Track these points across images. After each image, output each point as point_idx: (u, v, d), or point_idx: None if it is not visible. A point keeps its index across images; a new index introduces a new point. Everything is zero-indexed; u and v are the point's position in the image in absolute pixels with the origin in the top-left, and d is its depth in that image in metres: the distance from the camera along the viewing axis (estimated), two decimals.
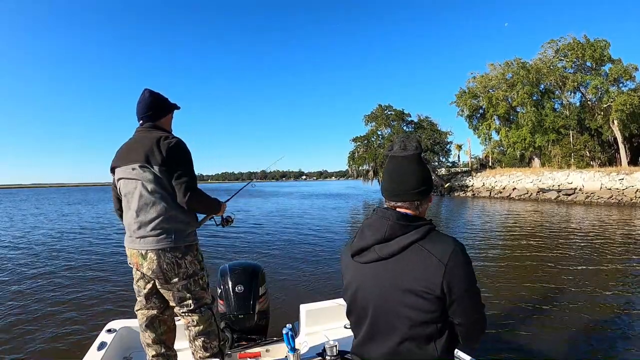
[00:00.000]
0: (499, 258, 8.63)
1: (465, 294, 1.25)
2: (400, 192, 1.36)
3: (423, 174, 1.38)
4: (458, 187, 39.08)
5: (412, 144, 1.38)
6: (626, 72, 34.26)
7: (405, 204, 1.37)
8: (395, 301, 1.28)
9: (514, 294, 5.85)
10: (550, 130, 37.60)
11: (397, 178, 1.37)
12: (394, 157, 1.39)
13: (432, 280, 1.22)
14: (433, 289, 1.22)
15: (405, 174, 1.36)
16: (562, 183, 28.42)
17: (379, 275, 1.32)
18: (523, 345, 4.06)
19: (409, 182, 1.35)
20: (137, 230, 2.14)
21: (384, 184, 1.43)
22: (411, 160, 1.36)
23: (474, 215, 19.64)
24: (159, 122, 2.31)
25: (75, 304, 5.78)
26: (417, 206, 1.37)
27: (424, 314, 1.24)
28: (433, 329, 1.26)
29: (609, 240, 10.64)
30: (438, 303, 1.24)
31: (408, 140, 1.40)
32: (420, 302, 1.24)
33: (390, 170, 1.40)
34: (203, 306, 2.26)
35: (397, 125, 43.92)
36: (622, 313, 4.98)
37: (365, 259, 1.35)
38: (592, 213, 18.34)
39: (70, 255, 9.96)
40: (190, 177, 2.16)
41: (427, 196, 1.40)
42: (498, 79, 40.38)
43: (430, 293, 1.23)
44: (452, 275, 1.22)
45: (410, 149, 1.37)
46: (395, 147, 1.40)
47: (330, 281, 6.67)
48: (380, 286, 1.31)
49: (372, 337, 1.38)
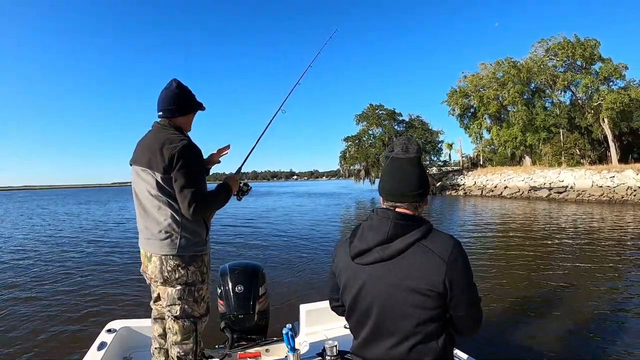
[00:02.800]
0: (493, 256, 8.67)
1: (465, 288, 1.28)
2: (402, 193, 1.37)
3: (423, 176, 1.40)
4: (450, 185, 39.25)
5: (413, 147, 1.40)
6: (616, 71, 34.71)
7: (405, 204, 1.38)
8: (401, 301, 1.29)
9: (509, 292, 5.86)
10: (541, 128, 37.98)
11: (399, 179, 1.38)
12: (396, 159, 1.41)
13: (435, 278, 1.24)
14: (436, 287, 1.24)
15: (407, 175, 1.38)
16: (553, 181, 28.62)
17: (382, 276, 1.32)
18: (520, 344, 4.07)
19: (410, 184, 1.37)
20: (144, 231, 2.11)
21: (385, 185, 1.43)
22: (413, 162, 1.39)
23: (467, 213, 19.77)
24: (177, 120, 2.20)
25: (76, 304, 5.77)
26: (416, 207, 1.39)
27: (428, 311, 1.26)
28: (436, 326, 1.28)
29: (603, 237, 10.69)
30: (440, 300, 1.26)
31: (409, 143, 1.42)
32: (424, 300, 1.26)
33: (392, 172, 1.41)
34: (188, 318, 2.15)
35: (388, 124, 44.04)
36: (617, 310, 5.00)
37: (367, 260, 1.36)
38: (584, 211, 18.50)
39: (70, 255, 9.97)
40: (194, 187, 2.02)
41: (425, 198, 1.42)
42: (489, 78, 40.72)
43: (434, 290, 1.25)
44: (453, 271, 1.25)
45: (412, 152, 1.39)
46: (396, 149, 1.42)
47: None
48: (385, 287, 1.32)
49: (376, 338, 1.38)
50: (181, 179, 2.00)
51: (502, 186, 32.93)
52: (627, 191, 23.29)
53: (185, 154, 2.02)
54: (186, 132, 2.26)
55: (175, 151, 2.00)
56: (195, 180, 2.05)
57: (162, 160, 2.00)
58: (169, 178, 2.01)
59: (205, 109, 2.33)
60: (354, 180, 46.44)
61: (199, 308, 2.19)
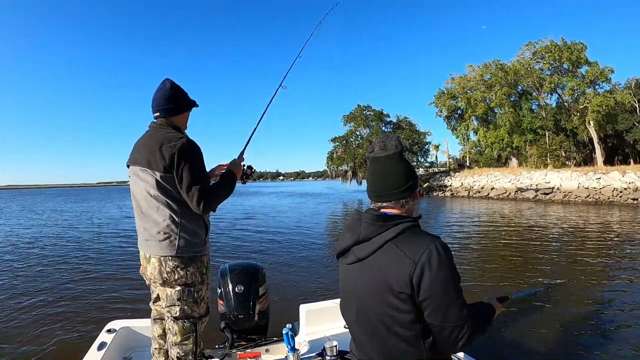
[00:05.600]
0: (480, 256, 8.65)
1: (438, 295, 1.18)
2: (384, 192, 1.35)
3: (406, 171, 1.36)
4: (437, 187, 39.34)
5: (391, 143, 1.37)
6: (602, 74, 35.26)
7: (391, 203, 1.35)
8: (375, 302, 1.28)
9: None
10: (528, 130, 38.34)
11: (381, 178, 1.36)
12: (376, 159, 1.38)
13: (403, 280, 1.20)
14: (405, 289, 1.20)
15: (388, 173, 1.34)
16: (540, 182, 28.87)
17: (358, 276, 1.33)
18: (518, 344, 4.09)
19: (392, 182, 1.34)
20: (143, 233, 2.10)
21: (368, 186, 1.42)
22: (392, 159, 1.35)
23: (453, 214, 19.80)
24: (173, 119, 2.19)
25: (76, 304, 5.77)
26: (403, 204, 1.36)
27: (402, 314, 1.22)
28: (416, 329, 1.23)
29: (590, 237, 10.76)
30: (413, 302, 1.21)
31: (388, 140, 1.39)
32: (396, 302, 1.22)
33: (373, 172, 1.38)
34: (188, 319, 2.14)
35: (376, 125, 44.13)
36: (607, 308, 5.07)
37: (347, 260, 1.37)
38: (570, 211, 18.64)
39: (70, 255, 9.90)
40: (200, 184, 2.01)
41: (413, 193, 1.38)
42: (476, 80, 41.01)
43: (404, 292, 1.20)
44: (423, 274, 1.18)
45: (390, 148, 1.35)
46: (375, 149, 1.39)
47: (330, 281, 6.67)
48: (360, 287, 1.32)
49: (360, 338, 1.38)
50: (186, 177, 1.99)
51: (488, 187, 33.10)
52: (613, 192, 23.55)
53: (185, 151, 2.01)
54: (183, 130, 2.25)
55: (176, 149, 1.98)
56: (200, 177, 2.04)
57: (162, 159, 1.98)
58: (170, 177, 2.00)
59: (198, 105, 2.31)
60: (341, 181, 46.47)
61: (199, 309, 2.17)
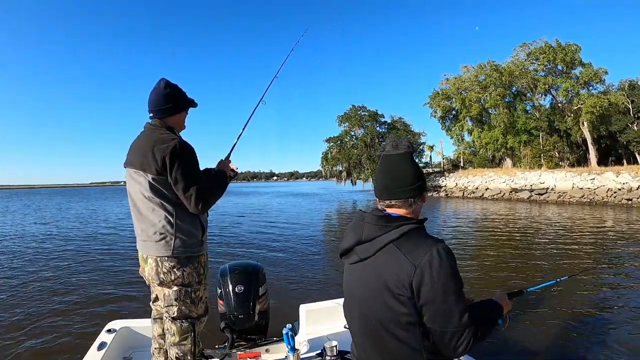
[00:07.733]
0: (478, 256, 8.65)
1: (437, 298, 1.18)
2: (394, 189, 1.35)
3: (417, 170, 1.37)
4: (431, 187, 39.29)
5: (403, 143, 1.38)
6: (596, 76, 35.48)
7: (399, 202, 1.35)
8: (374, 302, 1.28)
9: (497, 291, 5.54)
10: (522, 131, 38.48)
11: (391, 176, 1.36)
12: (388, 156, 1.39)
13: (403, 282, 1.20)
14: (404, 291, 1.20)
15: (400, 170, 1.35)
16: (534, 183, 28.93)
17: (360, 276, 1.34)
18: (518, 344, 4.08)
19: (403, 179, 1.34)
20: (140, 234, 2.10)
21: (378, 184, 1.42)
22: (404, 157, 1.36)
23: (448, 214, 19.82)
24: (169, 120, 2.17)
25: (76, 304, 5.75)
26: (411, 204, 1.36)
27: (402, 315, 1.22)
28: (416, 331, 1.23)
29: (585, 236, 10.79)
30: (413, 305, 1.21)
31: (399, 140, 1.40)
32: (395, 304, 1.22)
33: (384, 169, 1.39)
34: (186, 319, 2.14)
35: (370, 126, 44.10)
36: (604, 306, 5.09)
37: (350, 260, 1.38)
38: (565, 212, 18.68)
39: (70, 255, 9.85)
40: (195, 185, 2.01)
41: (421, 194, 1.38)
42: (471, 81, 41.13)
43: (403, 295, 1.20)
44: (422, 278, 1.18)
45: (402, 147, 1.37)
46: (387, 147, 1.40)
47: (330, 281, 6.66)
48: (362, 288, 1.33)
49: (360, 338, 1.39)
50: (181, 179, 1.99)
51: (483, 188, 33.17)
52: (607, 193, 23.62)
53: (177, 153, 1.99)
54: (178, 131, 2.23)
55: (168, 152, 1.97)
56: (194, 178, 2.04)
57: (154, 161, 1.97)
58: (162, 179, 1.99)
59: (197, 105, 2.28)
60: (335, 182, 46.43)
61: (197, 309, 2.17)
